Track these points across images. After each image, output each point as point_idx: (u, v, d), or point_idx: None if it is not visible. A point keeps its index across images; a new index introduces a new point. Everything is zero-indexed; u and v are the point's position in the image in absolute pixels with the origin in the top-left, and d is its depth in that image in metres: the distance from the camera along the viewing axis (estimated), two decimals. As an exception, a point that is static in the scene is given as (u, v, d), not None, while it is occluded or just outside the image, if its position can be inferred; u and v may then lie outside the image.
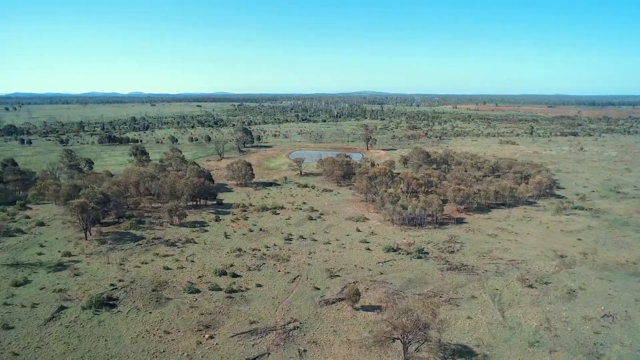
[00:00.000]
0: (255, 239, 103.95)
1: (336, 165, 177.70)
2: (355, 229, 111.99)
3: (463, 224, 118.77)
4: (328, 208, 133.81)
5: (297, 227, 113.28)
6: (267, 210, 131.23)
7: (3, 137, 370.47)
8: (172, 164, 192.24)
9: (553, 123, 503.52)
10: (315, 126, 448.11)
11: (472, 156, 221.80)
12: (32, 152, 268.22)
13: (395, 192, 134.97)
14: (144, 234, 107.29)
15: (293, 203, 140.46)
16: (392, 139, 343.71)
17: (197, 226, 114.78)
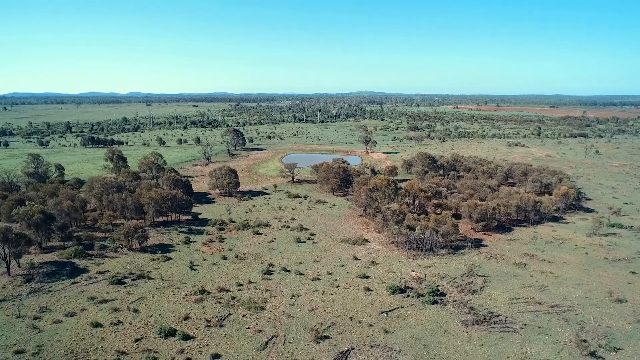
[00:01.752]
0: (227, 271, 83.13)
1: (332, 172, 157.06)
2: (352, 256, 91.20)
3: (482, 248, 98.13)
4: (321, 226, 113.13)
5: (282, 254, 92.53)
6: (248, 229, 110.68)
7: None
8: (147, 170, 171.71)
9: (560, 124, 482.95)
10: (312, 127, 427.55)
11: (482, 161, 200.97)
12: (5, 155, 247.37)
13: (400, 208, 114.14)
14: (89, 264, 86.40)
15: (280, 219, 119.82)
16: (393, 140, 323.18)
17: (160, 252, 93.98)
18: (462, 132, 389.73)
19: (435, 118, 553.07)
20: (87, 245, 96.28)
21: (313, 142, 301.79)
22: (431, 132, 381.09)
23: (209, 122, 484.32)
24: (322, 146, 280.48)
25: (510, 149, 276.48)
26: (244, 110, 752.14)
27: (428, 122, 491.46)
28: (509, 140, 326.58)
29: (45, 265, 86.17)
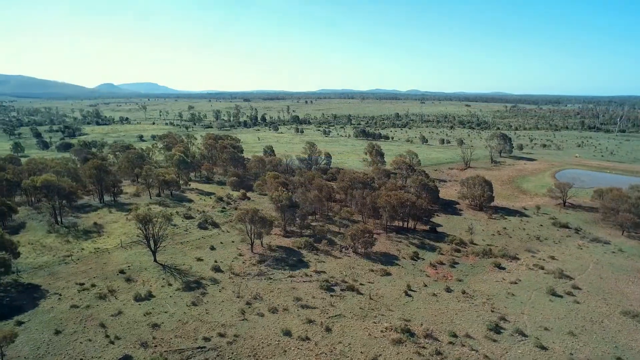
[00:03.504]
0: (445, 310, 67.60)
1: (625, 203, 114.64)
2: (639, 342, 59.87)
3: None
4: (592, 278, 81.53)
5: (523, 306, 69.62)
6: (489, 258, 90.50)
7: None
8: (399, 169, 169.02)
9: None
10: (606, 137, 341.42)
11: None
12: (298, 140, 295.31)
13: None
14: (312, 259, 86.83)
15: (534, 253, 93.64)
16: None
17: (382, 263, 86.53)
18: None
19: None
20: (318, 238, 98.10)
21: (603, 157, 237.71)
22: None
23: (478, 123, 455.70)
24: (615, 164, 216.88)
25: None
26: (519, 112, 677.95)
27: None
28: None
29: (279, 250, 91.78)
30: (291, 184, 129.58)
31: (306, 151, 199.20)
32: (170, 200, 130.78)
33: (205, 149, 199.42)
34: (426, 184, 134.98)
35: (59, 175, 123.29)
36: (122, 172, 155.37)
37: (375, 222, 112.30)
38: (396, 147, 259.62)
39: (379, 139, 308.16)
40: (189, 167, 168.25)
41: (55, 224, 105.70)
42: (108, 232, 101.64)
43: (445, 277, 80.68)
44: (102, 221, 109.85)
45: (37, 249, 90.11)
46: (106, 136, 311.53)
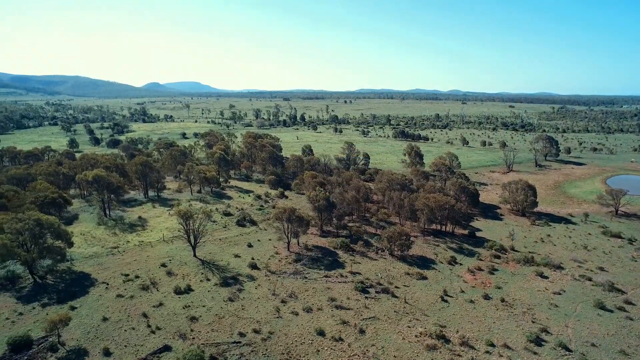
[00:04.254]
0: (483, 317, 65.78)
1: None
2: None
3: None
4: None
5: (567, 319, 66.56)
6: (531, 266, 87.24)
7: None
8: (438, 171, 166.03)
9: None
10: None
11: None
12: (336, 140, 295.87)
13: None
14: (348, 260, 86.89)
15: (581, 264, 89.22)
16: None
17: (418, 266, 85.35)
18: None
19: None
20: (354, 239, 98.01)
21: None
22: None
23: (522, 125, 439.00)
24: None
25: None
26: (568, 114, 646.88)
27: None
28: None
29: (314, 250, 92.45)
30: (329, 184, 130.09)
31: (344, 151, 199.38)
32: (210, 197, 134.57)
33: (245, 148, 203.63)
34: (466, 187, 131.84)
35: (108, 170, 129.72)
36: (165, 169, 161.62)
37: (412, 224, 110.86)
38: (436, 149, 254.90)
39: (418, 140, 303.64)
40: (229, 165, 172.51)
41: (104, 217, 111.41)
42: (151, 226, 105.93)
43: (483, 284, 78.52)
44: (146, 215, 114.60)
45: (88, 239, 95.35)
46: (151, 133, 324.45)
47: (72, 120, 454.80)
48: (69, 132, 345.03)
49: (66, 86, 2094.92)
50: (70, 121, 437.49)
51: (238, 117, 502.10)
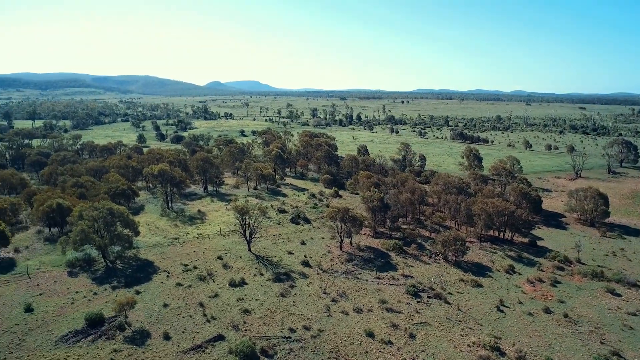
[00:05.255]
0: (542, 332, 62.25)
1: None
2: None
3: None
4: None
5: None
6: (600, 281, 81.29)
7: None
8: (498, 175, 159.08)
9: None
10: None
11: None
12: (392, 141, 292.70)
13: None
14: (400, 263, 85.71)
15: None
16: None
17: (473, 273, 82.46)
18: None
19: None
20: (407, 242, 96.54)
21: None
22: None
23: (594, 128, 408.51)
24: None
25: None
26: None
27: None
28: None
29: (367, 250, 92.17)
30: (383, 185, 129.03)
31: (400, 152, 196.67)
32: (266, 194, 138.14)
33: (301, 146, 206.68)
34: (527, 193, 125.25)
35: (172, 165, 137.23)
36: (224, 165, 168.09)
37: (468, 229, 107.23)
38: (496, 152, 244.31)
39: (477, 143, 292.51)
40: (285, 162, 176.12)
41: (167, 209, 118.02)
42: (209, 220, 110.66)
43: (544, 296, 74.31)
44: (205, 209, 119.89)
45: (152, 229, 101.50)
46: (212, 130, 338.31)
47: (141, 117, 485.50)
48: (138, 128, 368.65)
49: (137, 85, 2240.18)
50: (139, 118, 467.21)
51: (295, 115, 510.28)
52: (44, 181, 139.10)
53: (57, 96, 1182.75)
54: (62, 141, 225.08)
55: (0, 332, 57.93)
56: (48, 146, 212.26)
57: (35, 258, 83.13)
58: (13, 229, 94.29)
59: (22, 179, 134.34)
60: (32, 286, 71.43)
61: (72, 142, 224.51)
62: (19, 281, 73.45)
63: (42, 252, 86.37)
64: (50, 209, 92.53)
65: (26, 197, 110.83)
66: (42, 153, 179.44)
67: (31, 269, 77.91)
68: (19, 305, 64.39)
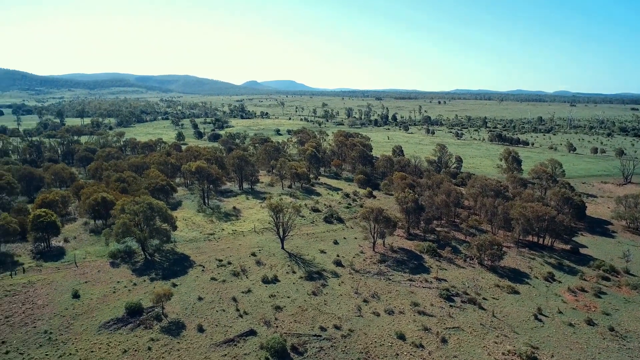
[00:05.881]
0: (584, 346, 59.44)
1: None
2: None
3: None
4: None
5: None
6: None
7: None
8: (538, 178, 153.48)
9: None
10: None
11: None
12: (428, 142, 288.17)
13: None
14: (434, 265, 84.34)
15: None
16: None
17: (510, 279, 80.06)
18: None
19: None
20: (441, 244, 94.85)
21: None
22: None
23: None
24: None
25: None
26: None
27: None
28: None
29: (400, 252, 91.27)
30: (418, 186, 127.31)
31: (436, 153, 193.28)
32: (300, 193, 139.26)
33: (336, 146, 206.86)
34: (570, 198, 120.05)
35: (209, 162, 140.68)
36: (259, 163, 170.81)
37: (505, 234, 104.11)
38: (536, 155, 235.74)
39: (517, 145, 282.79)
40: (320, 162, 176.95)
41: (203, 205, 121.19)
42: (244, 217, 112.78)
43: (587, 307, 71.08)
44: (240, 206, 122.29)
45: (189, 224, 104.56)
46: (248, 129, 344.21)
47: (180, 115, 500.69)
48: (177, 126, 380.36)
49: (177, 84, 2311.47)
50: (178, 116, 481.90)
51: (330, 115, 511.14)
52: (91, 176, 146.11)
53: (103, 95, 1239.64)
54: (107, 138, 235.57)
55: (52, 315, 61.63)
56: (95, 142, 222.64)
57: (82, 248, 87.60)
58: (63, 220, 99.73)
59: (71, 173, 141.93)
60: (79, 274, 75.36)
61: (116, 139, 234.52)
62: (68, 269, 77.71)
63: (87, 243, 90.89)
64: (96, 202, 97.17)
65: (74, 190, 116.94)
66: (89, 149, 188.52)
67: (78, 258, 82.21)
68: (68, 292, 68.18)
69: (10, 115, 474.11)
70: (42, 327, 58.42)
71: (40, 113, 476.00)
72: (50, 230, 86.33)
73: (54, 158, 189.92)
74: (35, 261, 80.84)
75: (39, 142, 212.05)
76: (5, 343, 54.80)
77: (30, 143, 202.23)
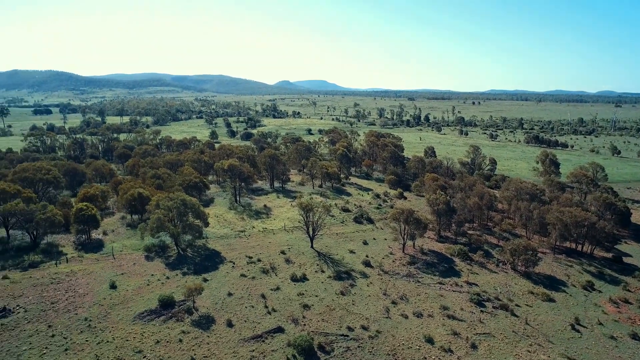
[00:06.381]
0: (629, 359, 56.84)
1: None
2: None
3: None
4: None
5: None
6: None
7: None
8: (577, 182, 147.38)
9: None
10: None
11: None
12: (461, 143, 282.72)
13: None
14: (464, 269, 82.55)
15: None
16: None
17: (545, 285, 77.42)
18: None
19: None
20: (473, 248, 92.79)
21: None
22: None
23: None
24: None
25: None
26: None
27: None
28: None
29: (430, 254, 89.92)
30: (450, 188, 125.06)
31: (469, 155, 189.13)
32: (330, 192, 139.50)
33: (367, 146, 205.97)
34: (613, 204, 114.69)
35: (241, 160, 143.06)
36: (290, 162, 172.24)
37: (541, 239, 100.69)
38: (576, 158, 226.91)
39: (555, 147, 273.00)
40: (351, 162, 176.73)
41: (234, 203, 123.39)
42: (274, 215, 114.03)
43: (631, 320, 67.72)
44: (270, 205, 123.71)
45: (220, 221, 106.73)
46: (280, 128, 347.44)
47: (214, 114, 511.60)
48: (211, 124, 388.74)
49: (212, 84, 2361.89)
50: (212, 115, 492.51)
51: (362, 115, 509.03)
52: (128, 172, 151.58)
53: (141, 94, 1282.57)
54: (144, 136, 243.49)
55: (92, 304, 64.50)
56: (132, 140, 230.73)
57: (119, 241, 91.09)
58: (102, 213, 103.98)
59: (110, 169, 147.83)
60: (116, 266, 78.42)
61: (153, 136, 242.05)
62: (106, 260, 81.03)
63: (124, 236, 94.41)
64: (132, 198, 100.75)
65: (113, 185, 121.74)
66: (127, 146, 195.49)
67: (115, 250, 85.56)
68: (106, 282, 71.11)
69: (58, 113, 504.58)
70: (83, 315, 61.22)
71: (84, 112, 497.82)
72: (90, 223, 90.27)
73: (95, 154, 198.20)
74: (77, 252, 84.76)
75: (82, 139, 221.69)
76: (51, 327, 57.83)
77: (74, 140, 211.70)
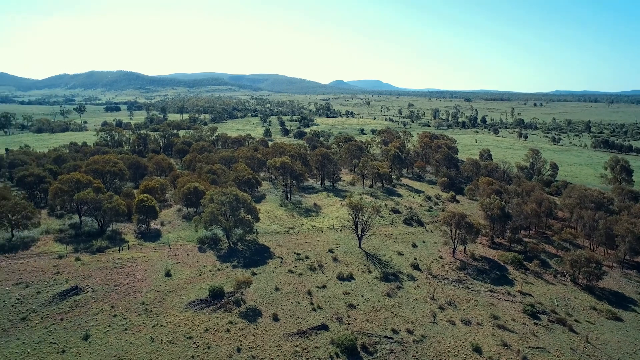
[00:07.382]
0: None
1: None
2: None
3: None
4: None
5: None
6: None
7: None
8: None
9: None
10: None
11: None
12: (520, 146, 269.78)
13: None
14: (519, 278, 78.72)
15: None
16: None
17: (609, 302, 72.12)
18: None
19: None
20: (528, 257, 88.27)
21: None
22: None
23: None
24: None
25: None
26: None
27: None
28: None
29: (482, 260, 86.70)
30: (506, 193, 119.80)
31: (528, 159, 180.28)
32: (381, 193, 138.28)
33: (420, 147, 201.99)
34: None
35: (293, 158, 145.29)
36: (342, 161, 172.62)
37: (607, 252, 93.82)
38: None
39: (627, 153, 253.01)
40: (402, 163, 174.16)
41: (285, 200, 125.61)
42: (324, 214, 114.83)
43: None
44: (320, 203, 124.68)
45: (271, 217, 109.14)
46: (332, 127, 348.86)
47: (269, 113, 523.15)
48: (265, 122, 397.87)
49: (267, 83, 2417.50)
50: (267, 113, 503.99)
51: (415, 116, 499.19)
52: (185, 166, 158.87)
53: (200, 93, 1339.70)
54: (202, 132, 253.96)
55: (149, 289, 68.53)
56: (191, 136, 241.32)
57: (175, 232, 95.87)
58: (161, 205, 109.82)
59: (170, 163, 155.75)
60: (171, 255, 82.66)
61: (209, 133, 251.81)
62: (162, 249, 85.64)
63: (180, 228, 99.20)
64: (188, 191, 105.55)
65: (171, 179, 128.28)
66: (185, 142, 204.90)
67: (171, 240, 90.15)
68: (161, 270, 75.18)
69: (125, 110, 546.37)
70: (141, 299, 65.16)
71: (148, 109, 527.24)
72: (150, 214, 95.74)
73: (157, 149, 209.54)
74: (137, 240, 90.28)
75: (146, 134, 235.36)
76: (114, 307, 62.23)
77: (138, 135, 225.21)
